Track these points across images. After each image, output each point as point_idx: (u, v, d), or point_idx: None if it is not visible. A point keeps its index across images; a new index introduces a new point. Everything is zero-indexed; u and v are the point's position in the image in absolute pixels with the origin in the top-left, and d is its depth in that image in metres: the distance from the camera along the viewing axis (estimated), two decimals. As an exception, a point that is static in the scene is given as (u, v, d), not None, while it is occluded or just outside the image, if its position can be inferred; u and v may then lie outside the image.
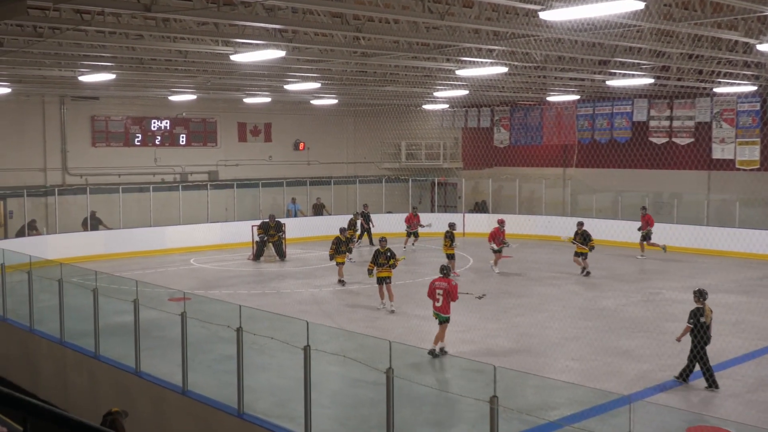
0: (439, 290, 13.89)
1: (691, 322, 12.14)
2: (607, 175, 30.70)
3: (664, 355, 13.45)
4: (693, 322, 12.12)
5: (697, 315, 12.15)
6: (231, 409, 10.49)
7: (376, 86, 24.57)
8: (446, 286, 13.92)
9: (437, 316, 13.94)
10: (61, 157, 28.82)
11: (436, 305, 13.92)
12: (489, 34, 15.13)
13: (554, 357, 13.94)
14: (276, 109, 32.60)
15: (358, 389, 11.92)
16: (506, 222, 23.63)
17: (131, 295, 12.73)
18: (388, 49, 16.69)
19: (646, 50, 17.23)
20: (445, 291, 13.84)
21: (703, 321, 12.09)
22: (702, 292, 12.39)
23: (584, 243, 22.19)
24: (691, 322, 12.14)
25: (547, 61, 18.46)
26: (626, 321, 16.67)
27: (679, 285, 20.28)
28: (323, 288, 20.69)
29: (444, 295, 13.81)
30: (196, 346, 12.36)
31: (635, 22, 12.64)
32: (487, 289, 18.96)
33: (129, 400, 12.00)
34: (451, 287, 13.90)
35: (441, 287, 13.92)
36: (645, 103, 29.24)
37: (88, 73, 20.00)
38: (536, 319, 16.96)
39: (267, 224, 25.71)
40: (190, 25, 14.02)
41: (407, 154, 36.78)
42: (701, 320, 12.09)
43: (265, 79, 22.82)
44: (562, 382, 11.71)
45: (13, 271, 16.97)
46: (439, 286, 13.96)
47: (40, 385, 14.91)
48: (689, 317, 12.22)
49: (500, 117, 34.55)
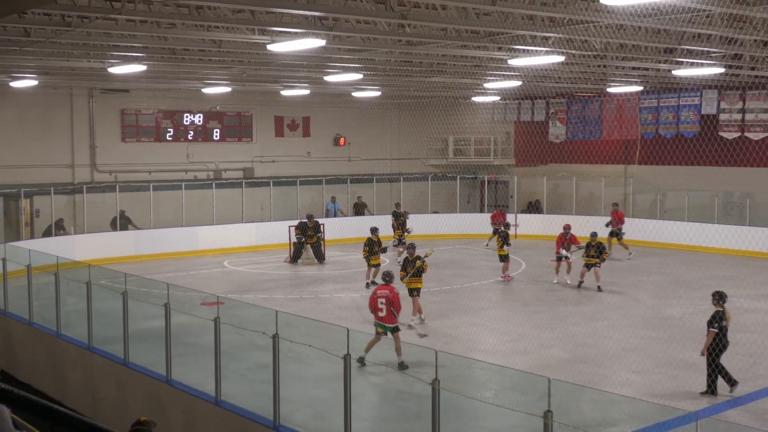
0: (382, 299, 13.77)
1: (715, 327, 12.25)
2: (672, 173, 30.27)
3: (734, 368, 13.22)
4: (717, 326, 12.26)
5: (720, 319, 12.28)
6: (266, 420, 10.57)
7: (421, 77, 24.55)
8: (388, 294, 13.82)
9: (382, 327, 13.79)
10: (90, 152, 29.32)
11: (379, 315, 13.81)
12: (544, 21, 15.03)
13: (613, 369, 13.80)
14: (315, 102, 32.75)
15: (402, 402, 11.93)
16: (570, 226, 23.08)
17: (162, 299, 12.88)
18: (435, 37, 16.67)
19: (716, 37, 16.96)
20: (388, 300, 13.74)
21: (724, 324, 12.25)
22: (722, 294, 12.52)
23: (598, 255, 21.34)
24: (715, 327, 12.25)
25: (608, 50, 18.27)
26: (693, 331, 16.40)
27: (752, 292, 19.93)
28: (364, 293, 20.72)
29: (387, 304, 13.72)
30: (229, 354, 12.48)
31: (704, 6, 12.47)
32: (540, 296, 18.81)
33: (159, 410, 12.16)
34: (394, 295, 13.82)
35: (383, 296, 13.80)
36: (715, 95, 28.79)
37: (117, 64, 20.31)
38: (594, 328, 16.81)
39: (305, 224, 25.82)
40: (224, 13, 14.16)
41: (455, 150, 36.68)
42: (723, 324, 12.25)
43: (303, 70, 22.94)
44: (622, 397, 11.60)
45: (39, 273, 17.29)
46: (381, 295, 13.84)
47: (68, 393, 15.17)
48: (712, 322, 12.31)
49: (556, 110, 34.30)
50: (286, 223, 27.20)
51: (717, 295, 12.54)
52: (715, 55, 19.36)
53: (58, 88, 27.85)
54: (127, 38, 16.54)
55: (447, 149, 36.72)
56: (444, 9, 14.32)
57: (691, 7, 12.96)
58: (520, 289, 21.36)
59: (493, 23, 14.78)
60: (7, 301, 17.67)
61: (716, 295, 12.54)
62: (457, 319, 17.38)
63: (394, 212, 27.12)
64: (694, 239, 25.83)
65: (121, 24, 14.90)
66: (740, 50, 17.82)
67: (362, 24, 15.67)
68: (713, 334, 12.20)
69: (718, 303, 12.43)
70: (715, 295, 12.56)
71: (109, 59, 19.81)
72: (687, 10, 13.40)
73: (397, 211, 26.92)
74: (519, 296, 20.65)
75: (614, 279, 22.43)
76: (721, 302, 12.42)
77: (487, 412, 11.40)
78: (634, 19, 13.91)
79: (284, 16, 14.43)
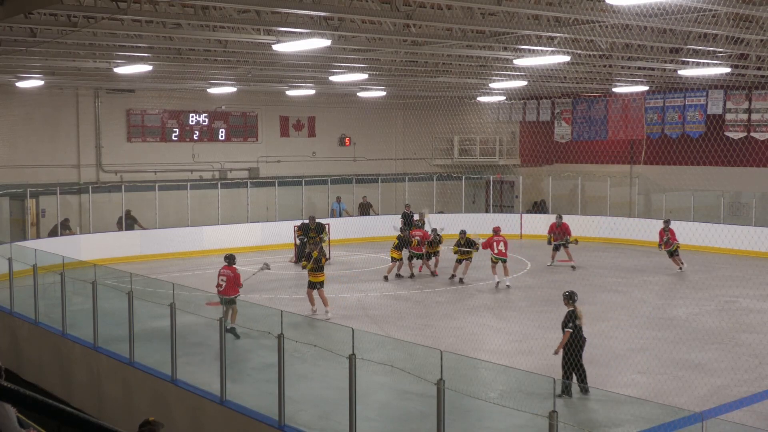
0: (223, 277, 16.23)
1: (570, 327, 12.33)
2: (678, 173, 30.19)
3: (739, 369, 13.22)
4: (571, 326, 12.34)
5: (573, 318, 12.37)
6: (271, 420, 10.59)
7: (427, 77, 24.56)
8: (231, 273, 16.23)
9: (221, 298, 15.94)
10: (96, 152, 29.38)
11: (219, 290, 16.13)
12: (550, 20, 15.03)
13: (619, 369, 13.79)
14: (320, 102, 32.77)
15: (407, 401, 11.93)
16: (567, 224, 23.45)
17: (167, 299, 12.92)
18: (441, 37, 16.68)
19: (723, 37, 16.94)
20: (230, 278, 16.16)
21: (578, 323, 12.35)
22: (572, 294, 12.64)
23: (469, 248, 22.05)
24: (570, 327, 12.33)
25: (613, 49, 18.25)
26: (698, 331, 16.41)
27: (758, 293, 19.89)
28: (369, 293, 20.77)
29: (228, 280, 16.12)
30: (235, 354, 12.52)
31: (711, 5, 12.45)
32: (546, 297, 18.82)
33: (165, 410, 12.19)
34: (236, 275, 16.24)
35: (225, 274, 16.24)
36: (721, 95, 28.74)
37: (123, 65, 20.36)
38: (599, 328, 16.78)
39: (307, 226, 25.82)
40: (230, 13, 14.19)
41: (460, 150, 36.67)
42: (577, 323, 12.34)
43: (308, 70, 22.97)
44: (628, 397, 11.59)
45: (45, 273, 17.34)
46: (224, 273, 16.28)
47: (74, 393, 15.21)
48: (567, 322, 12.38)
49: (561, 110, 34.27)
50: (291, 223, 27.22)
51: (567, 294, 12.64)
52: (721, 55, 19.33)
53: (64, 88, 27.92)
54: (133, 38, 16.58)
55: (452, 149, 36.70)
56: (449, 9, 14.32)
57: (697, 7, 12.94)
58: (525, 289, 21.35)
59: (498, 23, 14.78)
60: (13, 300, 17.72)
61: (566, 294, 12.65)
62: (462, 320, 17.39)
63: (404, 213, 27.26)
64: (700, 239, 25.77)
65: (126, 24, 14.94)
66: (746, 50, 17.80)
67: (367, 24, 15.68)
68: (568, 334, 12.28)
69: (569, 303, 12.52)
70: (566, 294, 12.67)
71: (114, 59, 19.85)
72: (693, 9, 13.39)
73: (407, 213, 27.01)
74: (524, 296, 20.64)
75: (620, 279, 22.43)
76: (571, 302, 12.51)
77: (492, 413, 11.40)
78: (640, 19, 13.89)
79: (290, 16, 14.45)
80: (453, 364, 9.54)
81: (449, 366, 8.89)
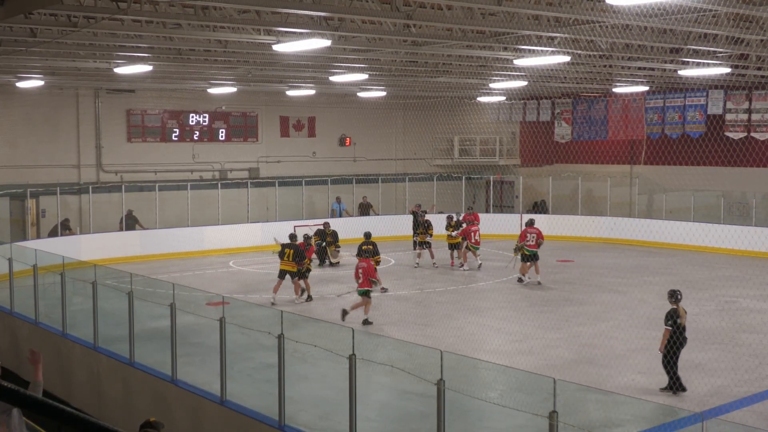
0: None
1: (669, 325, 12.40)
2: (678, 173, 30.19)
3: (740, 368, 13.21)
4: (670, 324, 12.40)
5: (673, 317, 12.42)
6: (271, 420, 10.58)
7: (427, 77, 24.55)
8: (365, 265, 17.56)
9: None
10: (96, 153, 29.38)
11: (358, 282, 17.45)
12: (550, 21, 15.03)
13: (619, 370, 13.78)
14: (320, 102, 32.78)
15: (407, 402, 11.93)
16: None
17: (168, 299, 12.91)
18: (441, 37, 16.68)
19: (723, 37, 16.94)
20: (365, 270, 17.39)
21: (679, 322, 12.39)
22: (675, 292, 12.62)
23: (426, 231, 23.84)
24: (669, 325, 12.40)
25: (613, 50, 18.26)
26: (698, 332, 16.38)
27: (758, 293, 19.88)
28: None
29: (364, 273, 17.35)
30: (235, 354, 12.51)
31: (711, 6, 12.45)
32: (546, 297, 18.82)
33: (165, 410, 12.18)
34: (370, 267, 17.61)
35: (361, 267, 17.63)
36: (721, 95, 28.74)
37: (123, 65, 20.36)
38: (600, 328, 16.79)
39: (323, 232, 25.85)
40: (230, 13, 14.19)
41: (460, 150, 36.67)
42: (678, 321, 12.37)
43: (309, 71, 22.97)
44: (628, 397, 11.58)
45: (45, 273, 17.34)
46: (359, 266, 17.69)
47: (73, 393, 15.21)
48: (666, 319, 12.47)
49: (561, 110, 34.26)
50: (291, 223, 27.18)
51: (671, 293, 12.61)
52: (721, 55, 19.33)
53: (64, 88, 27.93)
54: (133, 38, 16.58)
55: (452, 149, 36.69)
56: (449, 9, 14.32)
57: (698, 7, 12.94)
58: (525, 290, 21.34)
59: (498, 23, 14.79)
60: (13, 300, 17.71)
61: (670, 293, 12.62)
62: (462, 320, 17.39)
63: (413, 212, 27.24)
64: (700, 240, 25.78)
65: (126, 24, 14.94)
66: (746, 50, 17.79)
67: (368, 24, 15.68)
68: (668, 332, 12.37)
69: (673, 301, 12.50)
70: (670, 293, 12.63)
71: (115, 59, 19.85)
72: (693, 9, 13.38)
73: (415, 212, 27.01)
74: (524, 296, 20.64)
75: (620, 279, 22.42)
76: (674, 300, 12.47)
77: (492, 413, 11.39)
78: (640, 19, 13.89)
79: (290, 17, 14.46)
80: (453, 365, 9.53)
81: (449, 366, 8.89)
